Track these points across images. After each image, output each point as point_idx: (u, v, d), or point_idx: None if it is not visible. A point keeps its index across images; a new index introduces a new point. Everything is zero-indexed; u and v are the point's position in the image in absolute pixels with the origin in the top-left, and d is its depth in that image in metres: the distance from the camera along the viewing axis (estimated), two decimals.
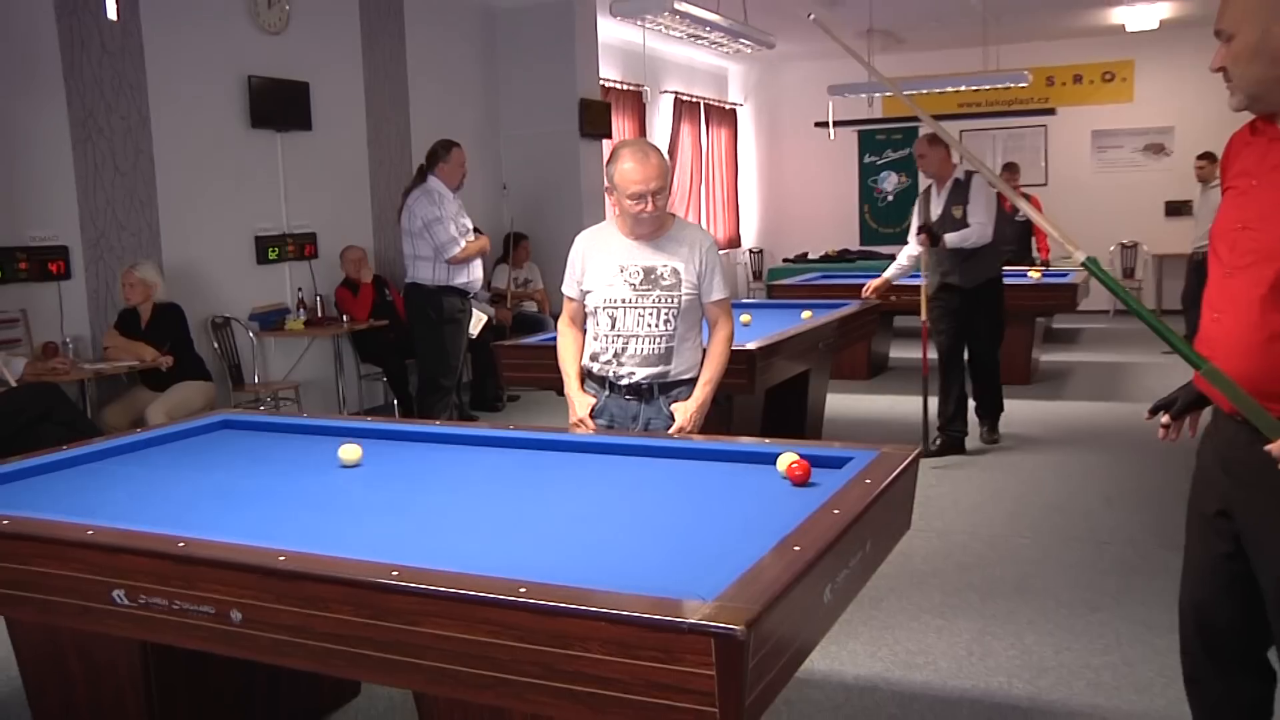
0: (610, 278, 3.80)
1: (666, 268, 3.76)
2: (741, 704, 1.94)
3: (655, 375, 3.80)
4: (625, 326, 3.79)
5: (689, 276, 3.77)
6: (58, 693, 3.17)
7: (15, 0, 6.29)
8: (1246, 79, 2.29)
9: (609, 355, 3.83)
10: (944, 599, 4.56)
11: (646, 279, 3.76)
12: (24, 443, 4.94)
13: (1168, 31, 12.90)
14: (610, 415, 3.88)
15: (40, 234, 6.46)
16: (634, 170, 3.64)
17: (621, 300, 3.78)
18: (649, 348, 3.78)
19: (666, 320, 3.76)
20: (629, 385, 3.82)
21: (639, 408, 3.85)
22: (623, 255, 3.80)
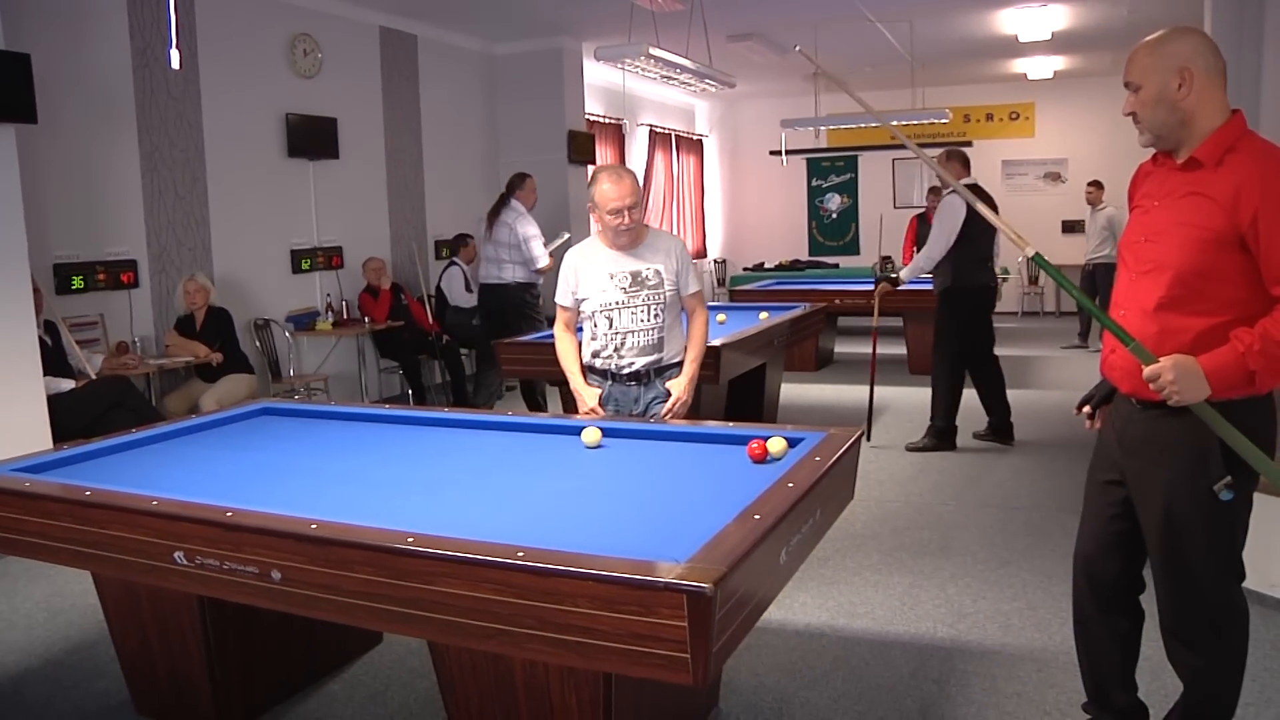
0: (603, 284, 3.79)
1: (650, 270, 3.78)
2: (709, 650, 1.93)
3: (651, 362, 3.83)
4: (622, 324, 3.80)
5: (669, 275, 3.80)
6: (135, 635, 3.22)
7: (99, 57, 6.38)
8: (1153, 122, 2.41)
9: (610, 350, 3.83)
10: (880, 558, 4.56)
11: (634, 282, 3.77)
12: (101, 427, 5.02)
13: (1061, 80, 13.32)
14: (615, 401, 3.89)
15: (114, 250, 6.48)
16: (611, 190, 3.67)
17: (616, 302, 3.78)
18: (644, 340, 3.80)
19: (656, 314, 3.79)
20: (629, 373, 3.84)
21: (639, 390, 3.86)
22: (610, 264, 3.80)
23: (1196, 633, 2.51)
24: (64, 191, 6.17)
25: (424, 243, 9.32)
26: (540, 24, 9.40)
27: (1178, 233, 2.35)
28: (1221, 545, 2.44)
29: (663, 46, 7.27)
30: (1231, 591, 2.50)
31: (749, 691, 3.33)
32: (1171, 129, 2.40)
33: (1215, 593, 2.48)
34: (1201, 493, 2.37)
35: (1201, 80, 2.35)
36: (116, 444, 3.48)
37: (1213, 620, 2.50)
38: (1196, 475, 2.37)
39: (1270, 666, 3.39)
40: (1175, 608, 2.52)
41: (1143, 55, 2.44)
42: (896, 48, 10.29)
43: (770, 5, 8.77)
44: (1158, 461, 2.45)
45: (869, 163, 15.07)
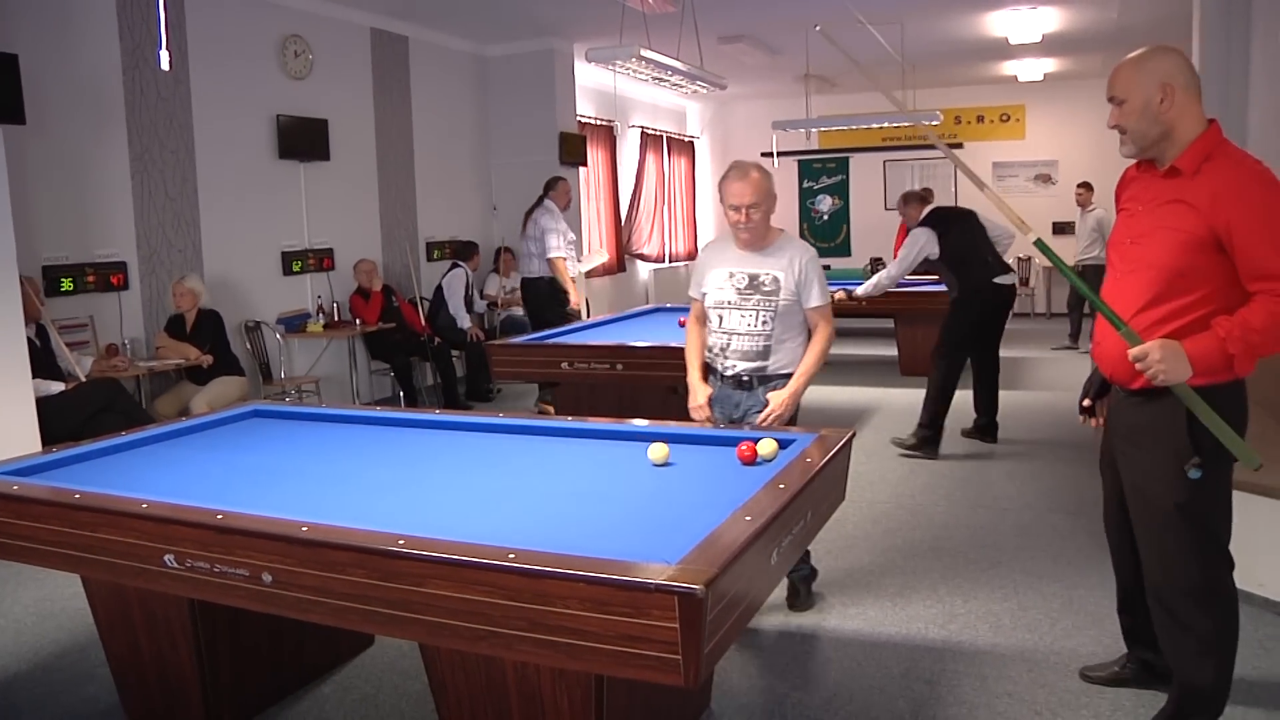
0: (721, 282, 3.76)
1: (769, 275, 3.69)
2: (701, 652, 1.93)
3: (753, 369, 3.73)
4: (729, 325, 3.75)
5: (788, 284, 3.68)
6: (124, 638, 3.21)
7: (88, 57, 6.36)
8: (1137, 134, 2.61)
9: (717, 349, 3.80)
10: (871, 559, 4.56)
11: (750, 284, 3.71)
12: (91, 429, 4.98)
13: (1051, 82, 13.36)
14: (720, 402, 3.83)
15: (104, 252, 6.47)
16: (733, 186, 3.64)
17: (727, 302, 3.74)
18: (748, 344, 3.72)
19: (764, 321, 3.70)
20: (731, 376, 3.77)
21: (741, 396, 3.78)
22: (733, 262, 3.76)
23: (1175, 600, 2.71)
24: (53, 193, 6.15)
25: (415, 245, 9.31)
26: (531, 26, 9.40)
27: (1160, 235, 2.55)
28: (1194, 520, 2.63)
29: (654, 48, 7.27)
30: (1210, 570, 2.67)
31: (741, 692, 3.34)
32: (1154, 140, 2.60)
33: (1191, 565, 2.66)
34: (1173, 471, 2.58)
35: (1181, 95, 2.55)
36: (106, 446, 3.47)
37: (1189, 591, 2.68)
38: (1169, 455, 2.58)
39: (1259, 665, 3.40)
40: (1156, 576, 2.75)
41: (1127, 71, 2.61)
42: (888, 50, 10.30)
43: (761, 7, 8.78)
44: (1138, 443, 2.69)
45: (860, 164, 15.09)
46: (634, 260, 13.39)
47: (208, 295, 6.76)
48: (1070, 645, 3.61)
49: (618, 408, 5.45)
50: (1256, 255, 2.40)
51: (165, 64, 4.38)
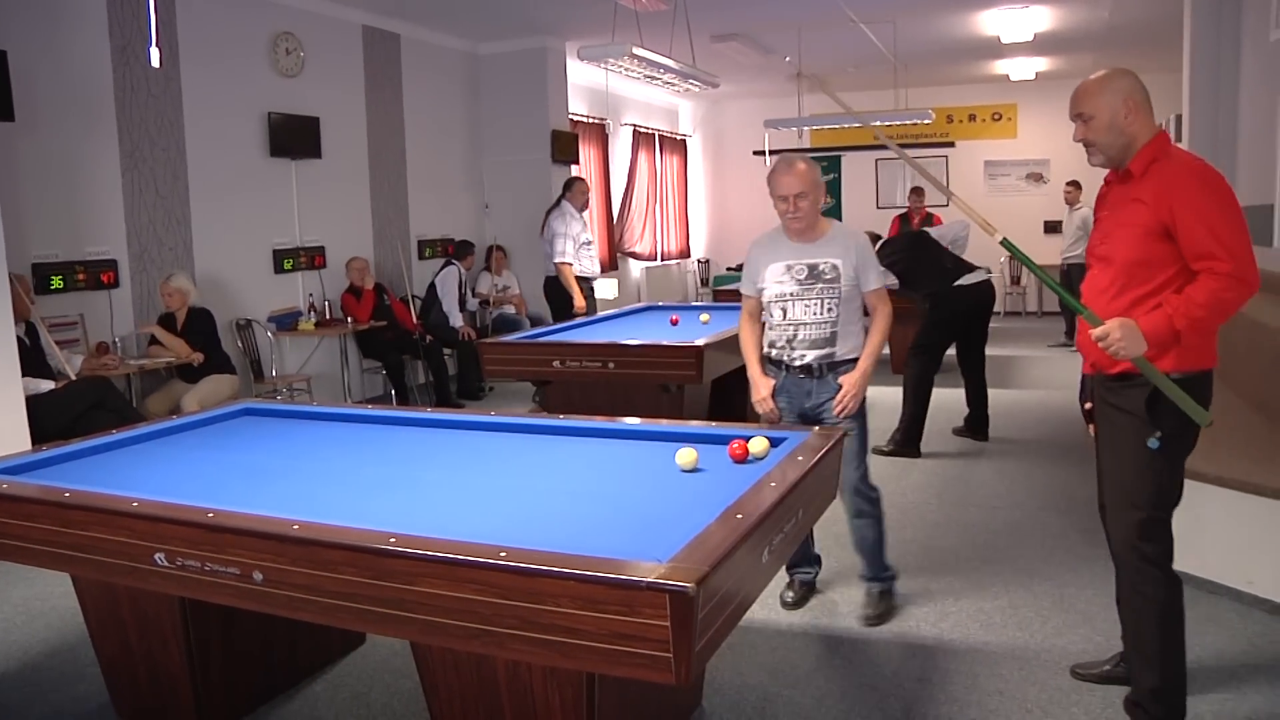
0: (780, 275, 3.80)
1: (827, 264, 3.75)
2: (692, 650, 1.94)
3: (822, 356, 3.78)
4: (795, 316, 3.79)
5: (847, 271, 3.74)
6: (115, 637, 3.20)
7: (78, 54, 6.34)
8: (1105, 145, 2.90)
9: (782, 342, 3.83)
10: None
11: (811, 274, 3.75)
12: (81, 428, 4.97)
13: (1043, 81, 13.42)
14: (787, 393, 3.86)
15: (94, 249, 6.47)
16: (780, 179, 3.71)
17: (790, 294, 3.78)
18: (816, 333, 3.77)
19: (830, 309, 3.75)
20: (801, 366, 3.81)
21: (811, 384, 3.82)
22: (789, 255, 3.80)
23: (1126, 555, 2.97)
24: (43, 190, 6.13)
25: (407, 242, 9.30)
26: (524, 24, 9.39)
27: (1120, 233, 2.87)
28: (1152, 484, 2.89)
29: (646, 46, 7.27)
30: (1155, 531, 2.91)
31: (732, 691, 3.34)
32: (1120, 150, 2.89)
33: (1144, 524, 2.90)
34: (1138, 444, 2.86)
35: (1139, 109, 2.87)
36: (96, 445, 3.46)
37: (1137, 547, 2.92)
38: (1135, 430, 2.86)
39: (1247, 662, 3.42)
40: (1116, 535, 3.00)
41: (1093, 90, 2.90)
42: (880, 49, 10.32)
43: (754, 6, 8.78)
44: (1112, 421, 2.96)
45: (852, 163, 15.12)
46: (626, 258, 13.40)
47: (197, 293, 6.73)
48: (1061, 643, 3.62)
49: (609, 406, 5.45)
50: (1195, 237, 2.70)
51: (156, 61, 4.38)
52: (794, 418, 3.88)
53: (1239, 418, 4.77)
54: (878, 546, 3.96)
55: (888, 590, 4.01)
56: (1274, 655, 3.48)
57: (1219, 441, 4.34)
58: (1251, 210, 7.02)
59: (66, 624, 4.08)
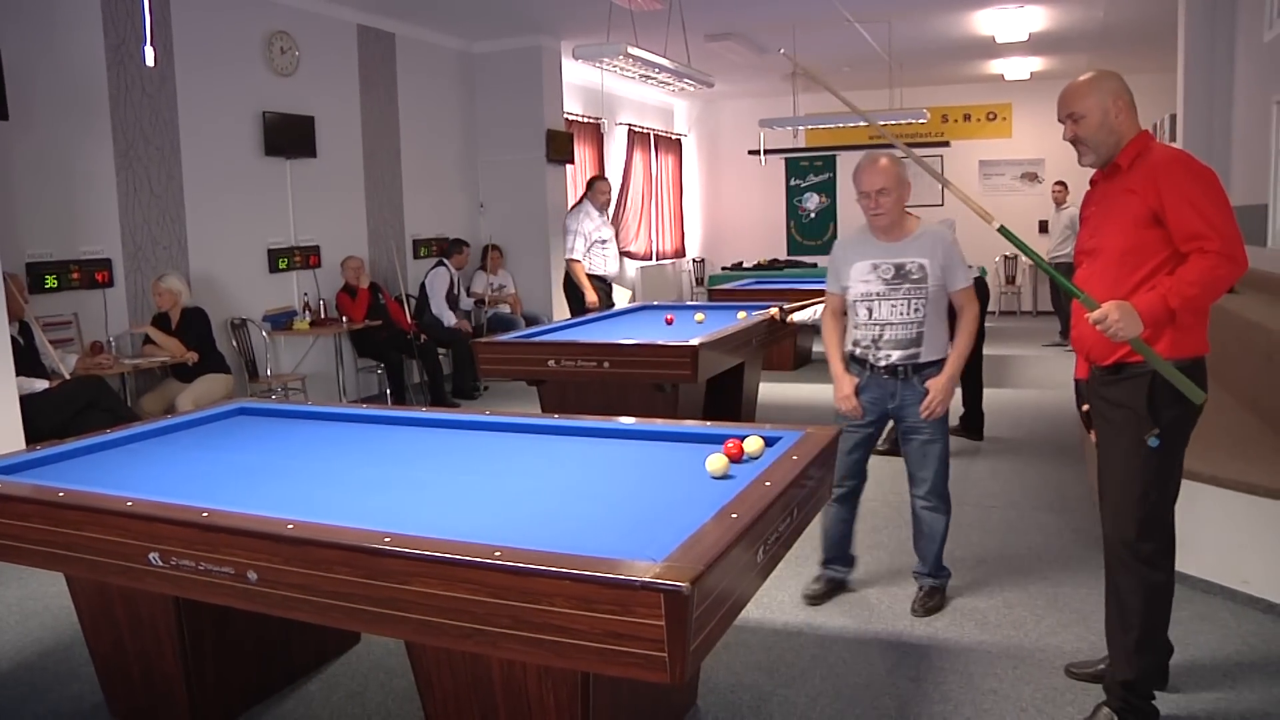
0: (865, 274, 3.77)
1: (914, 264, 3.71)
2: (687, 649, 1.94)
3: (908, 357, 3.75)
4: (880, 315, 3.76)
5: (934, 270, 3.71)
6: (109, 637, 3.19)
7: (72, 52, 6.33)
8: (1096, 143, 2.97)
9: (868, 341, 3.81)
10: (858, 556, 4.57)
11: (897, 274, 3.72)
12: (75, 427, 4.95)
13: (1038, 81, 13.43)
14: (870, 393, 3.85)
15: (89, 248, 6.46)
16: (863, 175, 3.72)
17: (876, 293, 3.76)
18: (902, 333, 3.74)
19: (916, 309, 3.72)
20: (886, 366, 3.78)
21: (896, 385, 3.80)
22: (875, 254, 3.77)
23: (1115, 550, 3.01)
24: (37, 189, 6.12)
25: (402, 242, 9.30)
26: (519, 23, 9.39)
27: (1113, 222, 2.95)
28: (1150, 482, 2.91)
29: (641, 46, 7.28)
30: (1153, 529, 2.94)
31: (727, 690, 3.34)
32: (1110, 147, 2.97)
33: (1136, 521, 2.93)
34: (1136, 440, 2.88)
35: (1128, 107, 2.97)
36: (91, 444, 3.45)
37: (1134, 545, 2.94)
38: (1132, 424, 2.89)
39: (1242, 661, 3.42)
40: (1113, 533, 3.02)
41: (1083, 90, 2.98)
42: (875, 48, 10.33)
43: (749, 6, 8.79)
44: (1108, 416, 2.98)
45: (847, 162, 15.10)
46: (621, 258, 13.40)
47: (189, 293, 6.72)
48: (1055, 642, 3.63)
49: (605, 405, 5.45)
50: (1184, 219, 2.79)
51: (150, 60, 4.38)
52: (876, 418, 3.90)
53: (1233, 417, 4.79)
54: (942, 544, 4.00)
55: (941, 587, 4.03)
56: (1268, 654, 3.48)
57: (1214, 441, 4.36)
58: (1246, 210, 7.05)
59: (60, 624, 4.07)
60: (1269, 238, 6.37)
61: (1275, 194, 6.27)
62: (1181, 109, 8.04)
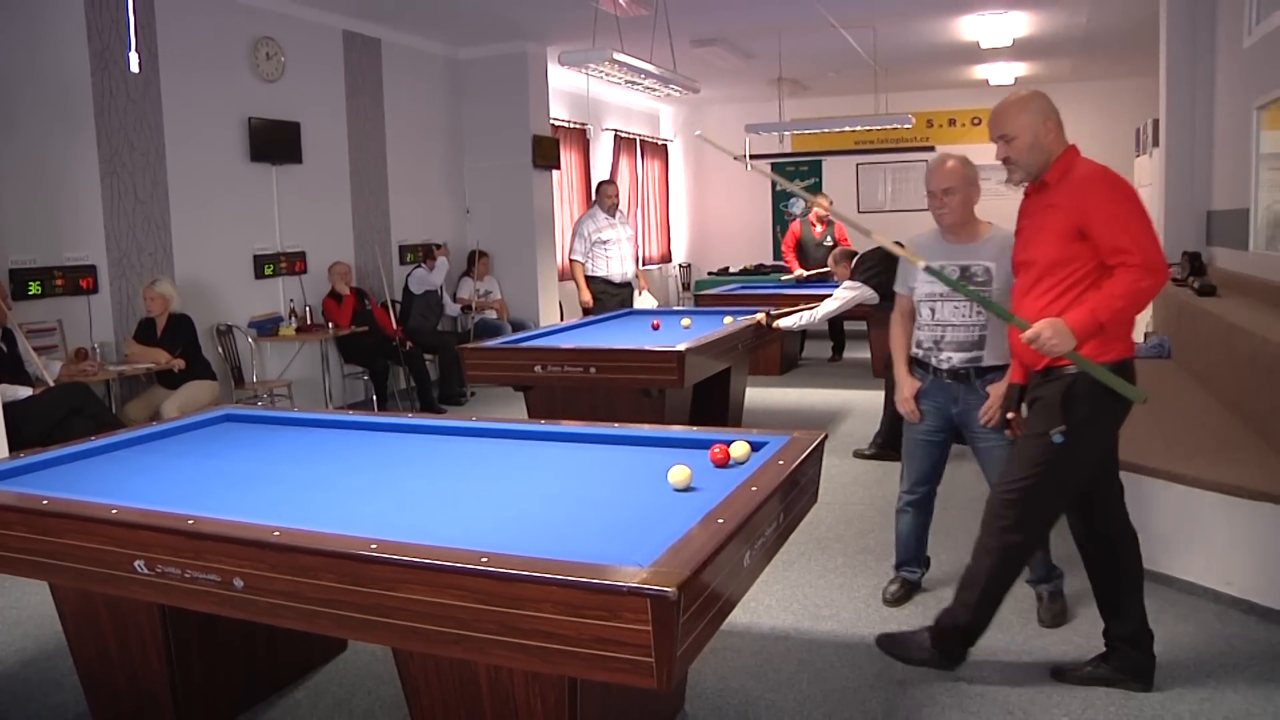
0: (930, 275, 3.60)
1: (980, 266, 3.65)
2: (674, 654, 1.94)
3: (969, 360, 3.68)
4: (942, 317, 3.71)
5: (1000, 274, 3.60)
6: (93, 645, 3.18)
7: (56, 58, 6.31)
8: (1028, 163, 3.15)
9: (930, 343, 3.76)
10: (845, 561, 4.58)
11: (962, 276, 3.63)
12: (59, 435, 4.92)
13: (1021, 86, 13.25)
14: (932, 397, 3.79)
15: (73, 254, 6.42)
16: (930, 173, 3.73)
17: (939, 294, 3.70)
18: (964, 335, 3.68)
19: (978, 312, 3.64)
20: (948, 370, 3.71)
21: (959, 390, 3.72)
22: (942, 255, 3.70)
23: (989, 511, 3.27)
24: (20, 195, 6.09)
25: (388, 248, 9.28)
26: (504, 28, 9.39)
27: (1041, 236, 3.13)
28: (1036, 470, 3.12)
29: (627, 51, 7.28)
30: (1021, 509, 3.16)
31: (714, 695, 3.34)
32: (1041, 166, 3.14)
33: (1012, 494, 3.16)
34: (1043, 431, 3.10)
35: (1055, 126, 3.13)
36: (75, 452, 3.43)
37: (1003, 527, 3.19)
38: (1044, 418, 3.11)
39: (1225, 663, 3.44)
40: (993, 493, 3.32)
41: (1014, 112, 3.16)
42: (860, 53, 10.36)
43: (734, 11, 8.81)
44: (1034, 412, 3.20)
45: (833, 167, 15.16)
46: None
47: (179, 299, 6.70)
48: (1042, 644, 3.64)
49: (591, 411, 5.45)
50: (1110, 234, 2.97)
51: (135, 66, 4.36)
52: (941, 423, 3.83)
53: (1216, 420, 4.82)
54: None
55: (1058, 591, 3.88)
56: (1251, 656, 3.50)
57: (1197, 444, 4.39)
58: (1227, 214, 7.10)
59: (44, 632, 4.05)
60: (1249, 242, 6.42)
61: (1256, 199, 6.31)
62: (1164, 114, 8.09)
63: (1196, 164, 7.82)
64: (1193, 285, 6.62)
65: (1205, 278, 6.78)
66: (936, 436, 3.87)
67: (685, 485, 2.75)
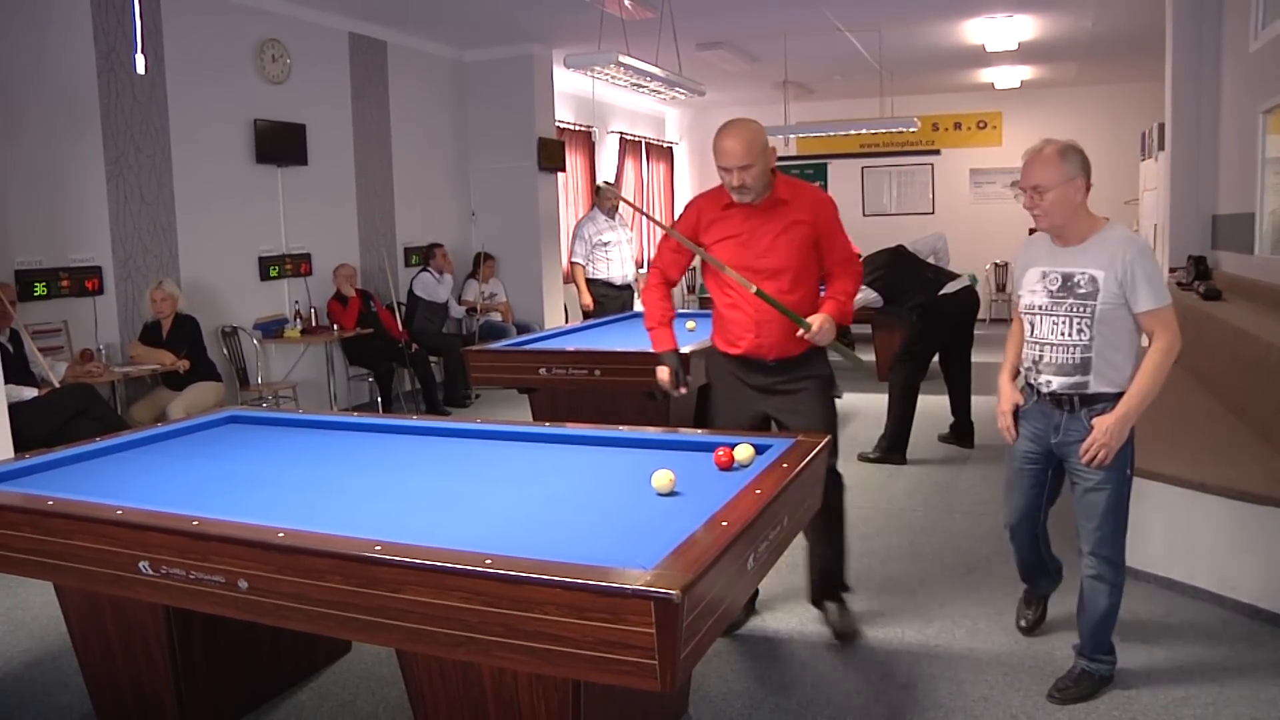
0: (1033, 284, 3.25)
1: (1085, 275, 3.10)
2: (677, 657, 1.94)
3: (1072, 386, 3.17)
4: (1041, 333, 3.23)
5: (1108, 285, 3.06)
6: (98, 646, 3.18)
7: (63, 60, 6.33)
8: (758, 186, 3.56)
9: (1030, 362, 3.30)
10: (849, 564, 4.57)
11: (1064, 286, 3.15)
12: (65, 436, 4.92)
13: (1028, 90, 13.48)
14: (1032, 421, 3.34)
15: (79, 256, 6.44)
16: (1024, 166, 3.25)
17: (1038, 307, 3.22)
18: (1063, 357, 3.17)
19: (1080, 330, 3.12)
20: (1049, 394, 3.24)
21: (1061, 417, 3.23)
22: (1047, 261, 3.23)
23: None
24: (26, 197, 6.11)
25: (393, 250, 9.29)
26: (510, 31, 9.40)
27: (789, 246, 3.62)
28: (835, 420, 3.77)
29: (633, 54, 7.30)
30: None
31: (718, 698, 3.35)
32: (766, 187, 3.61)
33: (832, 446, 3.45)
34: (829, 397, 3.77)
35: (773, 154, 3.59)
36: (80, 453, 3.44)
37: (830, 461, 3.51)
38: (825, 388, 3.76)
39: (1229, 667, 3.44)
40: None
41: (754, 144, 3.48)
42: (865, 57, 10.36)
43: (740, 14, 8.82)
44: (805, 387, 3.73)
45: (838, 170, 15.16)
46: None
47: (184, 300, 6.72)
48: (1045, 649, 3.64)
49: (596, 413, 5.45)
50: (837, 247, 3.71)
51: (141, 68, 4.36)
52: (1044, 451, 3.35)
53: (1220, 423, 4.81)
54: (1105, 622, 3.29)
55: (1095, 673, 3.32)
56: (1255, 660, 3.50)
57: (1201, 447, 4.38)
58: (1232, 219, 7.09)
59: (49, 633, 4.06)
60: (1255, 246, 6.41)
61: (1261, 203, 6.30)
62: (1170, 118, 8.09)
63: (1202, 168, 7.81)
64: (1198, 289, 6.61)
65: (1210, 282, 6.78)
66: (1034, 465, 3.40)
67: (668, 490, 2.74)
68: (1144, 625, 3.80)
